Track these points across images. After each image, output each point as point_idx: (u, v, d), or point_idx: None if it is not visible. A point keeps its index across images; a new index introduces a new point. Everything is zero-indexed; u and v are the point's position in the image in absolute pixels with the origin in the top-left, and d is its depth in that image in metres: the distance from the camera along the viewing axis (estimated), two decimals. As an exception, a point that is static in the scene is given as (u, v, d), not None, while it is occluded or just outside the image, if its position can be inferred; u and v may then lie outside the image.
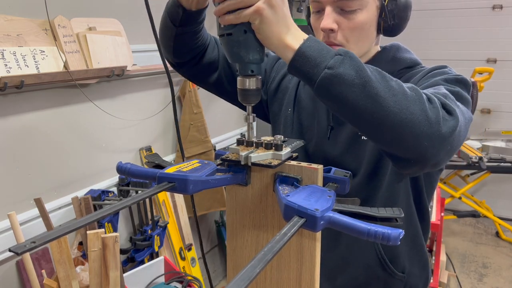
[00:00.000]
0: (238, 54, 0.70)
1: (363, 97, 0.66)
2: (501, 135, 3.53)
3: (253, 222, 0.76)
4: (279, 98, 1.12)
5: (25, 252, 0.45)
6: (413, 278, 1.05)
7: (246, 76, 0.72)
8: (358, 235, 0.53)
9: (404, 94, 0.68)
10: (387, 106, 0.66)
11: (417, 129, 0.67)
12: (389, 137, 0.70)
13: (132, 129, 2.07)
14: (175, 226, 2.24)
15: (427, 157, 0.70)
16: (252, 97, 0.73)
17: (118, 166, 0.72)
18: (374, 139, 0.74)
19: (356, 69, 0.66)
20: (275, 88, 1.13)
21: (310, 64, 0.67)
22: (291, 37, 0.68)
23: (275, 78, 1.14)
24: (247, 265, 0.43)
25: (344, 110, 0.69)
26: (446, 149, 0.71)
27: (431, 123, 0.68)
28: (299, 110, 1.07)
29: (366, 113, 0.67)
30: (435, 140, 0.69)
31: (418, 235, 1.04)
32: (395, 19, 0.92)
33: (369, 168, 0.96)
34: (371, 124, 0.69)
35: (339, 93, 0.66)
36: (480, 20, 3.86)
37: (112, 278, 1.30)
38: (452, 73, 0.87)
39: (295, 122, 1.07)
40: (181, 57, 1.01)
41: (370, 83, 0.66)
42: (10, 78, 1.39)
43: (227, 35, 0.70)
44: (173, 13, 0.89)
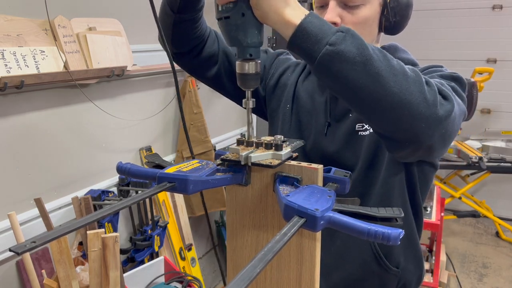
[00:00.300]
0: (236, 37, 0.69)
1: (364, 75, 0.66)
2: (501, 135, 3.53)
3: (253, 222, 0.76)
4: (277, 95, 1.12)
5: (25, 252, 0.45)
6: (407, 273, 1.05)
7: (245, 60, 0.71)
8: (358, 235, 0.53)
9: (405, 74, 0.68)
10: (387, 85, 0.66)
11: (415, 110, 0.67)
12: (386, 117, 0.70)
13: (132, 129, 2.07)
14: (175, 226, 2.24)
15: (422, 138, 0.71)
16: (251, 81, 0.72)
17: (118, 166, 0.72)
18: (371, 119, 0.74)
19: (357, 47, 0.66)
20: (274, 84, 1.13)
21: (311, 40, 0.66)
22: (291, 11, 0.67)
23: (273, 74, 1.14)
24: (247, 265, 0.43)
25: (343, 88, 0.69)
26: (441, 132, 0.71)
27: (429, 105, 0.68)
28: (298, 107, 1.08)
29: (365, 91, 0.67)
30: (431, 122, 0.69)
31: (412, 231, 1.05)
32: (397, 16, 0.93)
33: (366, 164, 0.97)
34: (369, 103, 0.69)
35: (339, 71, 0.66)
36: (480, 20, 3.86)
37: (112, 278, 1.30)
38: (448, 71, 0.88)
39: (294, 119, 1.08)
40: (180, 47, 1.01)
41: (372, 62, 0.66)
42: (10, 78, 1.39)
43: (225, 18, 0.69)
44: (172, 0, 0.90)
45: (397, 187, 0.99)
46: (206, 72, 1.08)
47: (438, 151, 0.78)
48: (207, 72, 1.08)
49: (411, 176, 1.00)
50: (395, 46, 1.02)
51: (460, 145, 3.30)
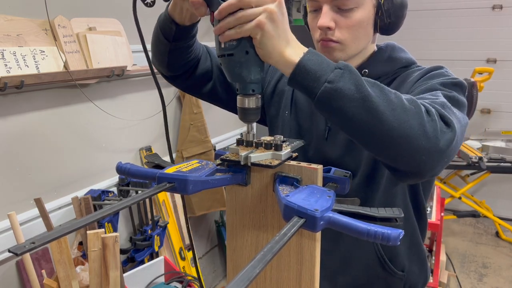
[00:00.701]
0: (240, 74, 0.70)
1: (363, 112, 0.67)
2: (501, 135, 3.53)
3: (253, 222, 0.76)
4: (275, 102, 1.13)
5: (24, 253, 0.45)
6: (413, 276, 1.05)
7: (246, 96, 0.72)
8: (358, 235, 0.53)
9: (403, 108, 0.69)
10: (386, 120, 0.67)
11: (415, 144, 0.68)
12: (387, 150, 0.70)
13: (132, 129, 2.07)
14: (175, 226, 2.24)
15: (424, 170, 0.71)
16: (252, 116, 0.74)
17: (118, 166, 0.72)
18: (373, 152, 0.75)
19: (355, 84, 0.67)
20: (271, 91, 1.13)
21: (310, 77, 0.67)
22: (291, 50, 0.69)
23: (270, 82, 1.14)
24: (247, 265, 0.43)
25: (343, 123, 0.70)
26: (443, 162, 0.72)
27: (429, 138, 0.68)
28: (297, 112, 1.08)
29: (365, 126, 0.68)
30: (432, 154, 0.69)
31: (416, 233, 1.05)
32: (392, 17, 0.93)
33: (368, 169, 0.97)
34: (370, 138, 0.70)
35: (339, 107, 0.67)
36: (480, 20, 3.86)
37: (112, 278, 1.31)
38: (449, 76, 0.88)
39: (293, 124, 1.08)
40: (175, 71, 1.01)
41: (370, 98, 0.67)
42: (10, 78, 1.39)
43: (228, 55, 0.69)
44: (166, 29, 0.90)
45: (399, 191, 0.99)
46: (201, 89, 1.08)
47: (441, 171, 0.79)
48: (202, 89, 1.08)
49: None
50: (393, 46, 1.02)
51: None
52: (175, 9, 0.85)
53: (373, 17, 0.93)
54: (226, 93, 1.09)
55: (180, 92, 2.38)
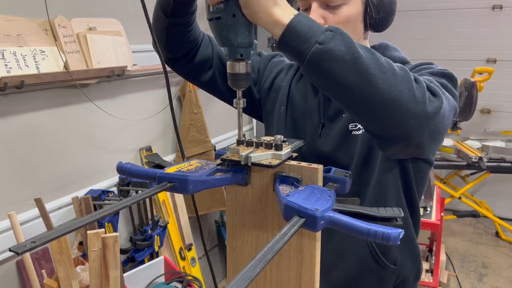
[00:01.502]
0: (227, 37, 0.71)
1: (353, 73, 0.66)
2: (501, 135, 3.53)
3: (253, 222, 0.76)
4: (272, 97, 1.13)
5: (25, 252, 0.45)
6: (405, 270, 1.06)
7: (235, 60, 0.73)
8: (358, 235, 0.53)
9: (393, 72, 0.69)
10: (376, 83, 0.67)
11: (404, 107, 0.68)
12: (375, 114, 0.70)
13: (132, 129, 2.07)
14: (175, 226, 2.24)
15: (411, 135, 0.72)
16: (242, 81, 0.74)
17: (118, 166, 0.73)
18: (360, 117, 0.74)
19: (346, 45, 0.67)
20: (268, 87, 1.14)
21: (301, 39, 0.67)
22: (280, 11, 0.68)
23: (268, 77, 1.15)
24: (247, 265, 0.43)
25: (332, 87, 0.69)
26: (430, 129, 0.72)
27: (418, 102, 0.69)
28: (292, 109, 1.09)
29: (355, 89, 0.67)
30: (420, 119, 0.70)
31: (409, 228, 1.05)
32: (381, 13, 0.93)
33: (360, 162, 0.98)
34: (358, 101, 0.69)
35: (328, 69, 0.67)
36: (480, 20, 3.86)
37: (112, 278, 1.31)
38: (439, 68, 0.89)
39: (288, 120, 1.09)
40: (175, 52, 1.01)
41: (361, 59, 0.66)
42: (10, 78, 1.39)
43: (216, 19, 0.70)
44: (164, 4, 0.90)
45: (391, 184, 0.99)
46: (201, 76, 1.09)
47: (429, 147, 0.79)
48: (202, 76, 1.09)
49: (406, 173, 1.00)
50: (386, 45, 1.03)
51: (460, 145, 3.30)
52: None
53: (362, 13, 0.94)
54: (225, 85, 1.09)
55: (180, 92, 2.38)
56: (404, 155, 0.88)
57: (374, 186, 0.98)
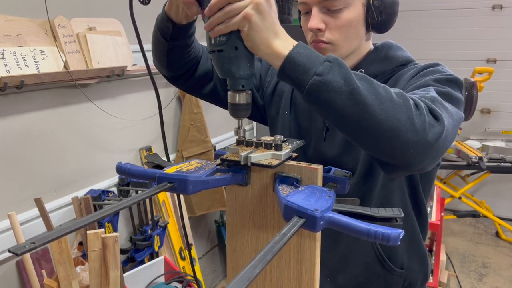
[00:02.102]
0: (229, 70, 0.71)
1: (351, 104, 0.67)
2: (501, 135, 3.53)
3: (253, 222, 0.76)
4: (276, 102, 1.13)
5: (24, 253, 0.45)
6: (412, 273, 1.05)
7: (236, 91, 0.73)
8: (358, 235, 0.53)
9: (391, 101, 0.69)
10: (374, 113, 0.67)
11: (403, 137, 0.68)
12: (375, 143, 0.71)
13: (132, 129, 2.07)
14: (175, 226, 2.24)
15: (413, 164, 0.72)
16: (242, 112, 0.75)
17: (118, 166, 0.73)
18: (360, 145, 0.75)
19: (344, 77, 0.67)
20: (271, 92, 1.14)
21: (300, 70, 0.68)
22: (280, 43, 0.69)
23: (270, 82, 1.15)
24: (247, 265, 0.43)
25: (332, 116, 0.70)
26: (431, 155, 0.72)
27: (417, 131, 0.69)
28: (296, 113, 1.09)
29: (353, 119, 0.68)
30: (420, 148, 0.69)
31: (415, 231, 1.05)
32: (382, 15, 0.93)
33: (365, 168, 0.97)
34: (358, 131, 0.70)
35: (327, 100, 0.67)
36: (480, 20, 3.86)
37: (112, 278, 1.31)
38: (444, 73, 0.88)
39: (293, 125, 1.09)
40: (176, 71, 1.02)
41: (358, 91, 0.67)
42: (10, 78, 1.39)
43: (218, 51, 0.71)
44: (164, 28, 0.91)
45: (397, 189, 0.99)
46: (202, 90, 1.09)
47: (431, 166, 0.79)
48: (203, 89, 1.09)
49: (412, 176, 1.00)
50: (389, 44, 1.02)
51: (460, 145, 3.30)
52: (171, 8, 0.87)
53: (363, 16, 0.94)
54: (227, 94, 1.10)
55: (180, 92, 2.38)
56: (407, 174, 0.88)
57: (379, 190, 0.98)
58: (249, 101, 0.74)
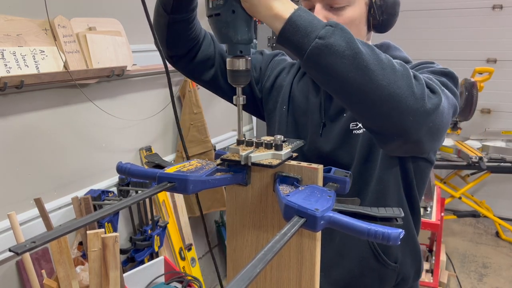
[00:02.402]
0: (227, 34, 0.71)
1: (353, 69, 0.66)
2: (501, 135, 3.53)
3: (253, 222, 0.76)
4: (274, 96, 1.13)
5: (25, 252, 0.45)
6: (405, 267, 1.06)
7: (235, 57, 0.73)
8: (358, 235, 0.53)
9: (393, 68, 0.69)
10: (375, 79, 0.67)
11: (403, 104, 0.68)
12: (374, 110, 0.70)
13: (132, 129, 2.07)
14: (175, 226, 2.24)
15: (409, 132, 0.71)
16: (242, 78, 0.74)
17: (118, 166, 0.72)
18: (359, 113, 0.74)
19: (346, 40, 0.67)
20: (270, 86, 1.14)
21: (301, 33, 0.67)
22: (280, 5, 0.68)
23: (269, 76, 1.15)
24: (247, 265, 0.43)
25: (332, 82, 0.69)
26: (428, 126, 0.72)
27: (416, 98, 0.69)
28: (294, 108, 1.09)
29: (354, 85, 0.67)
30: (418, 115, 0.69)
31: (410, 226, 1.05)
32: (384, 15, 0.93)
33: (360, 161, 0.98)
34: (357, 97, 0.69)
35: (328, 64, 0.66)
36: (480, 20, 3.86)
37: (112, 278, 1.30)
38: (440, 67, 0.89)
39: (290, 120, 1.09)
40: (176, 49, 1.01)
41: (360, 55, 0.66)
42: (10, 78, 1.39)
43: (215, 15, 0.70)
44: (165, 0, 0.90)
45: (392, 183, 0.99)
46: (202, 75, 1.09)
47: (428, 145, 0.79)
48: (204, 75, 1.09)
49: (407, 172, 1.00)
50: (388, 44, 1.03)
51: (460, 145, 3.30)
52: None
53: (365, 15, 0.94)
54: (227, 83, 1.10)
55: (180, 92, 2.38)
56: (403, 152, 0.88)
57: (374, 185, 0.99)
58: (249, 67, 0.73)
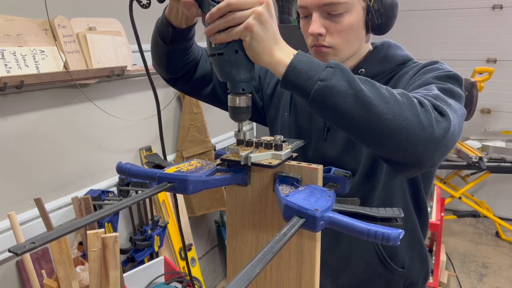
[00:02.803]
0: (230, 73, 0.71)
1: (357, 107, 0.67)
2: (501, 135, 3.53)
3: (253, 222, 0.76)
4: (275, 103, 1.14)
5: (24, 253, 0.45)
6: (413, 273, 1.06)
7: (236, 94, 0.73)
8: (358, 235, 0.53)
9: (396, 100, 0.69)
10: (380, 113, 0.67)
11: (412, 134, 0.68)
12: (384, 143, 0.71)
13: (132, 129, 2.07)
14: (175, 226, 2.24)
15: (423, 160, 0.72)
16: (243, 115, 0.75)
17: (118, 166, 0.73)
18: (370, 147, 0.75)
19: (347, 80, 0.68)
20: (271, 93, 1.14)
21: (303, 77, 0.68)
22: (281, 52, 0.70)
23: (269, 83, 1.15)
24: (247, 265, 0.43)
25: (339, 120, 0.70)
26: (441, 151, 0.72)
27: (425, 127, 0.69)
28: (296, 114, 1.09)
29: (361, 121, 0.68)
30: (429, 144, 0.70)
31: (416, 230, 1.05)
32: (382, 18, 0.93)
33: (367, 168, 0.97)
34: (366, 132, 0.70)
35: (333, 104, 0.68)
36: (480, 20, 3.86)
37: (112, 278, 1.31)
38: (444, 70, 0.88)
39: (292, 126, 1.09)
40: (175, 73, 1.02)
41: (362, 92, 0.67)
42: (10, 78, 1.39)
43: (218, 54, 0.70)
44: (163, 32, 0.91)
45: (398, 188, 0.99)
46: (201, 91, 1.09)
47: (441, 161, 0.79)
48: (202, 91, 1.09)
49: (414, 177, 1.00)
50: (388, 44, 1.02)
51: (460, 145, 3.30)
52: (171, 12, 0.87)
53: (363, 20, 0.94)
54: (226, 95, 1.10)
55: (180, 92, 2.38)
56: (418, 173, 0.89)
57: (381, 190, 0.98)
58: (249, 104, 0.74)
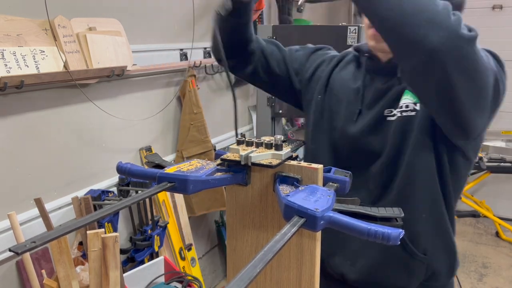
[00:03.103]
0: None
1: None
2: (501, 135, 3.53)
3: (253, 222, 0.76)
4: (312, 87, 1.20)
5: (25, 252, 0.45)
6: (436, 262, 1.04)
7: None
8: (358, 235, 0.53)
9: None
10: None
11: (437, 19, 0.75)
12: (408, 20, 0.77)
13: (132, 129, 2.07)
14: (175, 226, 2.24)
15: (437, 49, 0.76)
16: None
17: (118, 166, 0.72)
18: (394, 25, 0.80)
19: None
20: (309, 77, 1.21)
21: None
22: None
23: (309, 68, 1.21)
24: (247, 265, 0.43)
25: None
26: (458, 52, 0.77)
27: (451, 20, 0.76)
28: (330, 96, 1.15)
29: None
30: (449, 33, 0.76)
31: (443, 219, 1.04)
32: None
33: (393, 148, 1.01)
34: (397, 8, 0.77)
35: None
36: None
37: (112, 278, 1.31)
38: None
39: (325, 108, 1.14)
40: (230, 49, 1.09)
41: None
42: (10, 78, 1.39)
43: None
44: (224, 4, 1.00)
45: (423, 173, 1.00)
46: (245, 69, 1.19)
47: (467, 106, 0.86)
48: (246, 69, 1.19)
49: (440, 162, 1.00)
50: None
51: (460, 145, 3.29)
52: None
53: None
54: (267, 75, 1.22)
55: (180, 92, 2.38)
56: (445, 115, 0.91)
57: (404, 170, 1.00)
58: None
